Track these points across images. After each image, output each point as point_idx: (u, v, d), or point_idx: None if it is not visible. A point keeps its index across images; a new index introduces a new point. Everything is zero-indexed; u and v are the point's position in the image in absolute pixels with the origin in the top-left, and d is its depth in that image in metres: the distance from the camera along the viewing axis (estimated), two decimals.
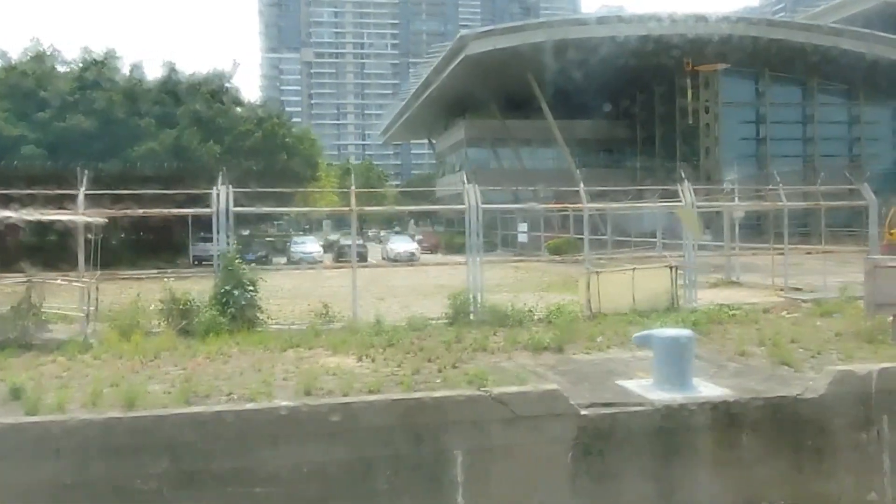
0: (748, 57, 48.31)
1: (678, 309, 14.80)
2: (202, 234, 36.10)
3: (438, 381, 8.94)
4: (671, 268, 15.19)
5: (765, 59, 49.15)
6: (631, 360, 10.20)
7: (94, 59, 29.94)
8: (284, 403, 7.37)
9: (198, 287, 14.23)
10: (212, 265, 13.88)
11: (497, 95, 54.14)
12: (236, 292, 12.55)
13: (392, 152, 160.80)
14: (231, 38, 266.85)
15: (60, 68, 30.82)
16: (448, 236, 47.89)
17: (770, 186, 19.92)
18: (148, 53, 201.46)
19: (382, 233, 49.03)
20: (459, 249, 44.85)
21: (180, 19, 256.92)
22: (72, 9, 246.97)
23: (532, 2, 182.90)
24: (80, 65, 29.93)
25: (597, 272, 14.91)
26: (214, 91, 30.87)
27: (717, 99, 50.43)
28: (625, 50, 44.60)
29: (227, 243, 13.51)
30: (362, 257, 37.29)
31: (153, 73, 33.68)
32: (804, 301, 15.39)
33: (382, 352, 11.07)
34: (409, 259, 35.76)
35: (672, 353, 8.60)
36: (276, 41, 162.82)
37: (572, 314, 13.99)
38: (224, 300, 12.73)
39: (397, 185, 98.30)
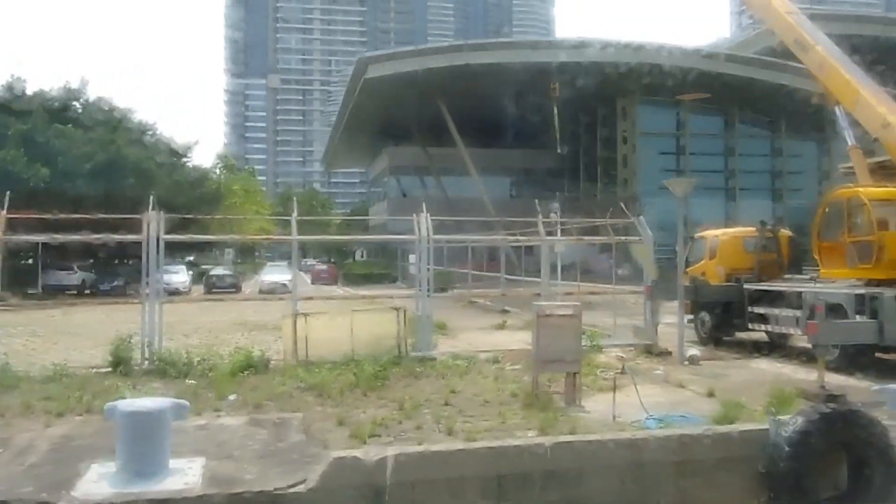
0: (667, 87, 47.12)
1: (402, 357, 12.98)
2: (62, 262, 34.14)
3: None
4: (398, 310, 13.37)
5: (684, 89, 47.99)
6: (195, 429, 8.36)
7: None
8: None
9: None
10: (68, 294, 12.85)
11: (416, 123, 52.71)
12: None
13: (358, 180, 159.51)
14: (196, 62, 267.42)
15: None
16: (347, 267, 46.13)
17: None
18: (114, 77, 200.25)
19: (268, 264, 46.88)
20: (358, 281, 43.34)
21: (145, 40, 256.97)
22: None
23: (505, 31, 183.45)
24: None
25: (304, 314, 13.06)
26: (58, 110, 29.13)
27: (634, 129, 49.16)
28: (538, 77, 43.28)
29: None
30: (236, 287, 35.47)
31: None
32: None
33: None
34: (282, 291, 33.80)
35: (139, 431, 6.73)
36: (243, 66, 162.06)
37: (257, 363, 12.22)
38: None
39: (346, 214, 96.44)
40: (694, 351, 13.17)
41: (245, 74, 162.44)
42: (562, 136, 57.66)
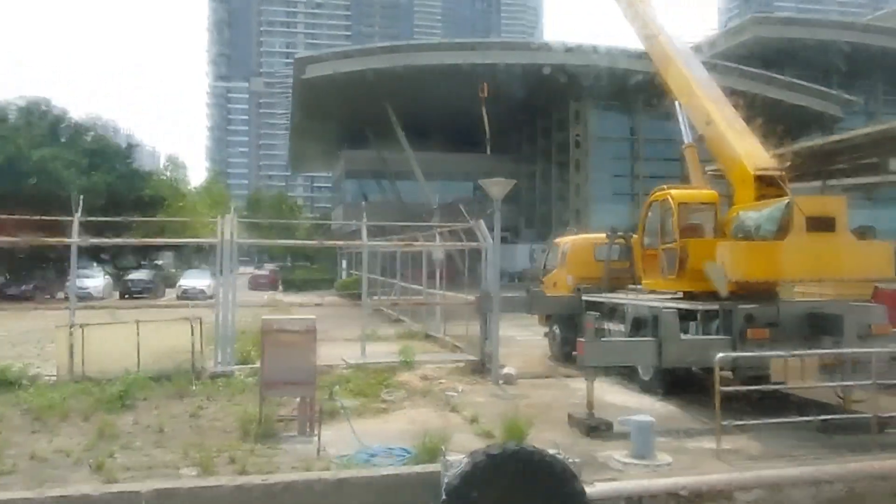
0: (621, 90, 46.11)
1: (192, 373, 11.82)
2: None
3: None
4: (191, 321, 12.16)
5: (638, 92, 46.93)
6: None
7: None
8: None
9: None
10: None
11: (369, 126, 51.52)
12: None
13: None
14: (179, 65, 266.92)
15: None
16: (287, 273, 44.87)
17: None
18: (97, 81, 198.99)
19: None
20: (298, 287, 42.11)
21: (127, 43, 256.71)
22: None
23: (493, 34, 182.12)
24: None
25: (81, 325, 11.86)
26: None
27: (587, 133, 48.01)
28: (488, 80, 42.11)
29: None
30: (152, 292, 34.27)
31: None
32: (346, 367, 12.42)
33: None
34: (198, 296, 32.56)
35: None
36: (226, 69, 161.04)
37: (15, 379, 11.07)
38: None
39: (317, 218, 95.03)
40: (509, 369, 11.98)
41: (228, 77, 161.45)
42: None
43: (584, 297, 12.96)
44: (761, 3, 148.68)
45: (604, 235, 14.15)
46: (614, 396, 10.85)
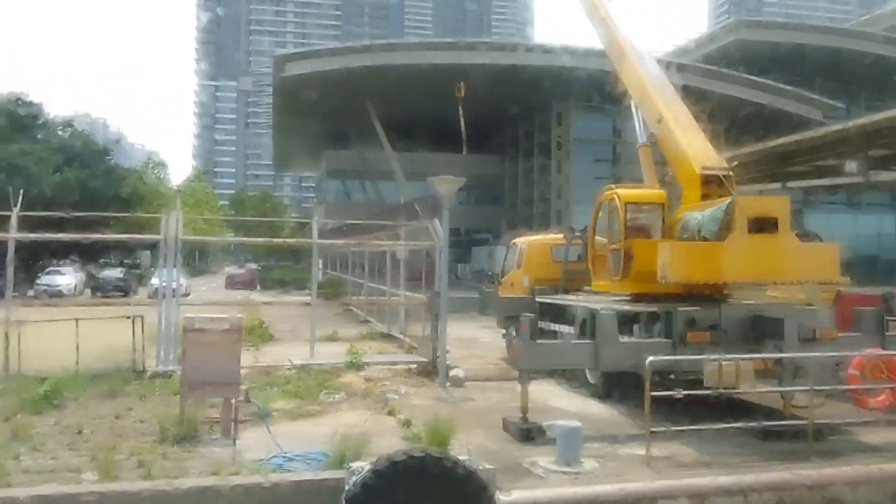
0: (604, 93, 45.85)
1: (133, 372, 11.54)
2: None
3: None
4: (133, 319, 11.85)
5: (621, 95, 46.72)
6: None
7: None
8: None
9: None
10: None
11: (351, 125, 51.27)
12: None
13: None
14: (169, 61, 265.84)
15: None
16: (263, 272, 44.42)
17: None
18: (84, 78, 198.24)
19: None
20: (277, 286, 41.71)
21: (114, 41, 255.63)
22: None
23: (484, 34, 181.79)
24: None
25: (19, 321, 11.54)
26: None
27: (569, 135, 47.82)
28: (469, 81, 41.86)
29: None
30: (123, 291, 33.86)
31: None
32: (291, 368, 12.14)
33: None
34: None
35: None
36: (214, 68, 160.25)
37: None
38: None
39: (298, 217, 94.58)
40: (457, 371, 11.74)
41: (216, 76, 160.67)
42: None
43: (538, 299, 12.71)
44: (750, 8, 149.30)
45: (561, 236, 13.91)
46: (560, 401, 10.62)
